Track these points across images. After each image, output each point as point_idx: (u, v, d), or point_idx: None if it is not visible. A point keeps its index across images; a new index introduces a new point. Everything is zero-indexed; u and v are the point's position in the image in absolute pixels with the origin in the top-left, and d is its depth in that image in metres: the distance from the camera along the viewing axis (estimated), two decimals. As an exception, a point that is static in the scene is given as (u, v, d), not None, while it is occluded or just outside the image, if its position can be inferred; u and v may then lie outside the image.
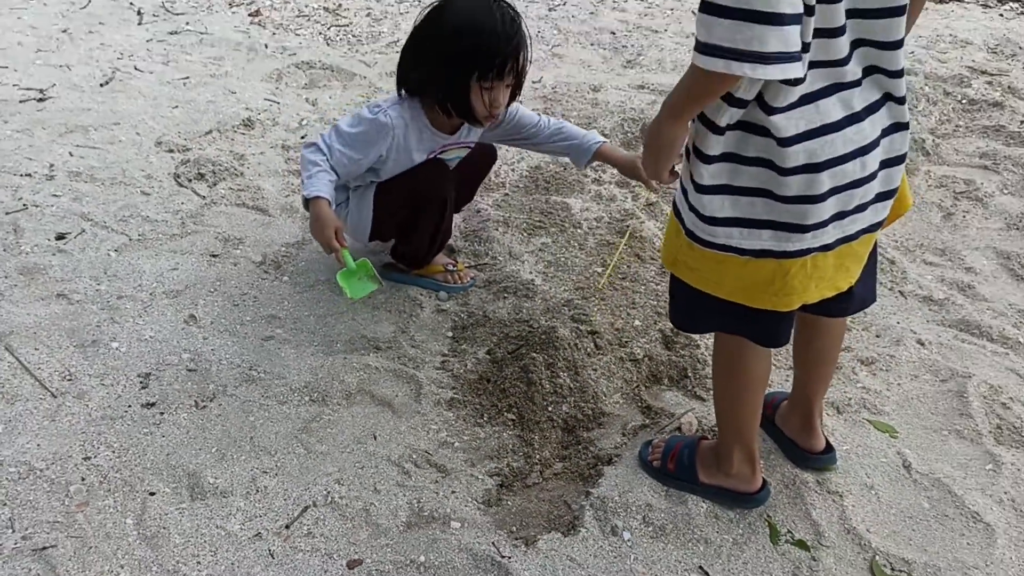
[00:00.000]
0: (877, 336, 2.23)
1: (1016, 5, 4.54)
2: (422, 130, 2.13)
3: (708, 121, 1.34)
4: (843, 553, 1.65)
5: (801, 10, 1.15)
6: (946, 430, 1.94)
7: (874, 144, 1.34)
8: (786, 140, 1.28)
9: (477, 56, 1.97)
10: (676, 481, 1.74)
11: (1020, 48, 3.93)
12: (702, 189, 1.37)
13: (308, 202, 2.01)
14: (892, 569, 1.63)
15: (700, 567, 1.61)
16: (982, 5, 4.55)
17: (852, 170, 1.32)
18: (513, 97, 2.12)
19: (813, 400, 1.78)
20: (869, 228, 1.42)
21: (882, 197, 1.40)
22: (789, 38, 1.15)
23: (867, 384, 2.06)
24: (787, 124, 1.27)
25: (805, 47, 1.21)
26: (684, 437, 1.82)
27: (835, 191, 1.33)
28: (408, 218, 2.20)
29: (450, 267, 2.33)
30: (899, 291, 2.41)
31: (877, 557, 1.65)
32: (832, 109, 1.29)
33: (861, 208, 1.38)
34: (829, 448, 1.81)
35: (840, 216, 1.36)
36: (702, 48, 1.18)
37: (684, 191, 1.44)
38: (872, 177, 1.35)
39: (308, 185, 2.02)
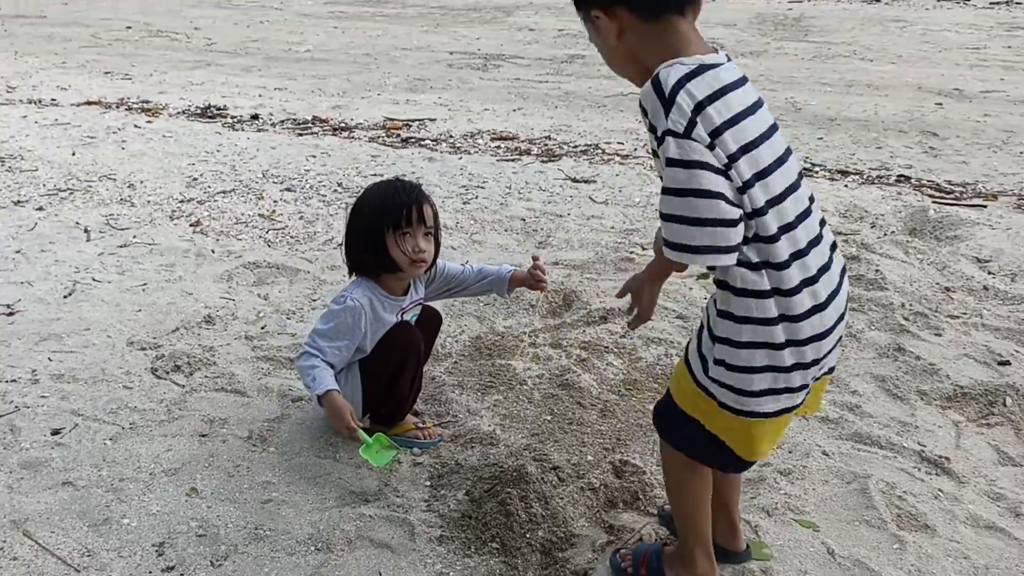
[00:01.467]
0: (789, 452, 2.62)
1: (857, 177, 5.35)
2: (382, 300, 2.52)
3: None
4: (791, 626, 1.97)
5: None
6: (857, 521, 2.32)
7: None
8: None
9: (384, 212, 2.43)
10: None
11: (865, 211, 4.64)
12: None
13: (320, 399, 2.34)
14: (833, 635, 1.95)
15: (677, 650, 1.90)
16: (828, 179, 5.33)
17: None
18: (436, 248, 2.54)
19: (732, 506, 2.11)
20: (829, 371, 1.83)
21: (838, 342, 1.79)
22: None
23: (787, 490, 2.43)
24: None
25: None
26: (649, 544, 2.13)
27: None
28: (391, 377, 2.53)
29: (420, 425, 2.64)
30: (800, 416, 2.83)
31: (819, 626, 1.97)
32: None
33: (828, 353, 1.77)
34: (747, 547, 2.15)
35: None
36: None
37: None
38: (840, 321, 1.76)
39: (315, 385, 2.36)
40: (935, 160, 5.71)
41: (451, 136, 6.31)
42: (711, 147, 1.56)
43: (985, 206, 4.73)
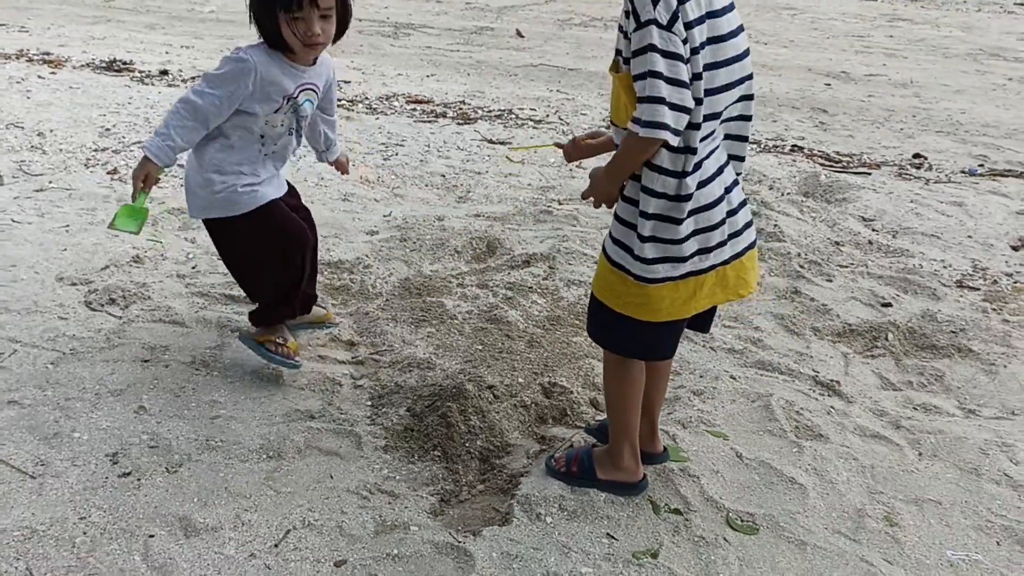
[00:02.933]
0: (700, 376, 2.87)
1: (755, 146, 5.68)
2: (283, 65, 2.44)
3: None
4: (706, 514, 2.20)
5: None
6: (761, 431, 2.58)
7: (734, 184, 2.01)
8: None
9: None
10: (579, 480, 2.24)
11: (764, 176, 4.96)
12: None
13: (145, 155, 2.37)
14: (742, 521, 2.20)
15: (608, 534, 2.11)
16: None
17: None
18: (342, 27, 2.43)
19: (655, 412, 2.35)
20: (749, 247, 2.07)
21: (747, 225, 2.07)
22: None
23: (700, 407, 2.68)
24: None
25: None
26: (580, 447, 2.34)
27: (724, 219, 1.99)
28: (275, 264, 2.58)
29: (280, 340, 2.66)
30: (710, 347, 3.09)
31: (730, 514, 2.21)
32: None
33: (738, 233, 2.03)
34: (665, 450, 2.38)
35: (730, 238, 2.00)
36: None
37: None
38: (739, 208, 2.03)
39: (150, 143, 2.37)
40: (825, 134, 6.11)
41: (367, 98, 6.38)
42: (685, 41, 1.80)
43: (869, 173, 5.12)
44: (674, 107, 1.80)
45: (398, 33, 9.18)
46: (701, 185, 1.94)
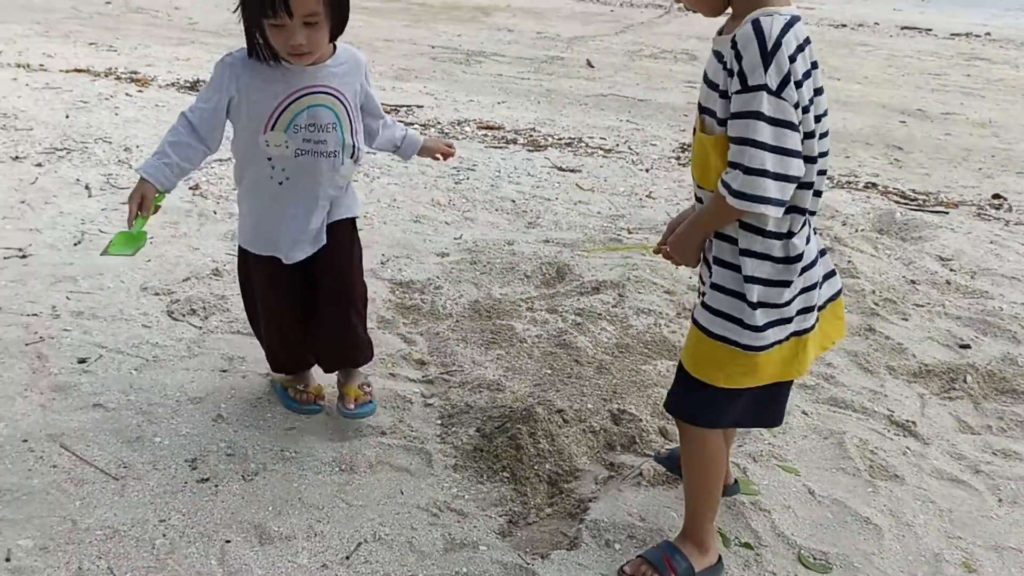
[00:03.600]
0: (771, 410, 2.84)
1: (827, 182, 5.62)
2: (274, 68, 2.17)
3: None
4: (778, 550, 2.17)
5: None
6: (834, 468, 2.54)
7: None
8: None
9: None
10: None
11: (836, 211, 4.90)
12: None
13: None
14: (814, 559, 2.16)
15: (677, 564, 2.09)
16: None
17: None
18: (334, 31, 2.14)
19: (728, 449, 2.27)
20: (832, 297, 1.99)
21: (827, 276, 1.96)
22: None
23: (771, 442, 2.64)
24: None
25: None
26: (657, 549, 2.05)
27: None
28: (251, 310, 2.52)
29: (301, 387, 2.58)
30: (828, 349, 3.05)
31: (802, 551, 2.17)
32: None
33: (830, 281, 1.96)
34: (736, 483, 2.34)
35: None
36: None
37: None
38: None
39: (145, 162, 2.19)
40: (900, 171, 6.01)
41: (439, 122, 6.48)
42: (796, 105, 1.68)
43: (947, 212, 5.02)
44: (779, 177, 1.69)
45: (470, 60, 9.32)
46: (808, 242, 1.85)
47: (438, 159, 2.68)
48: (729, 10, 1.84)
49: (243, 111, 2.20)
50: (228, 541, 2.04)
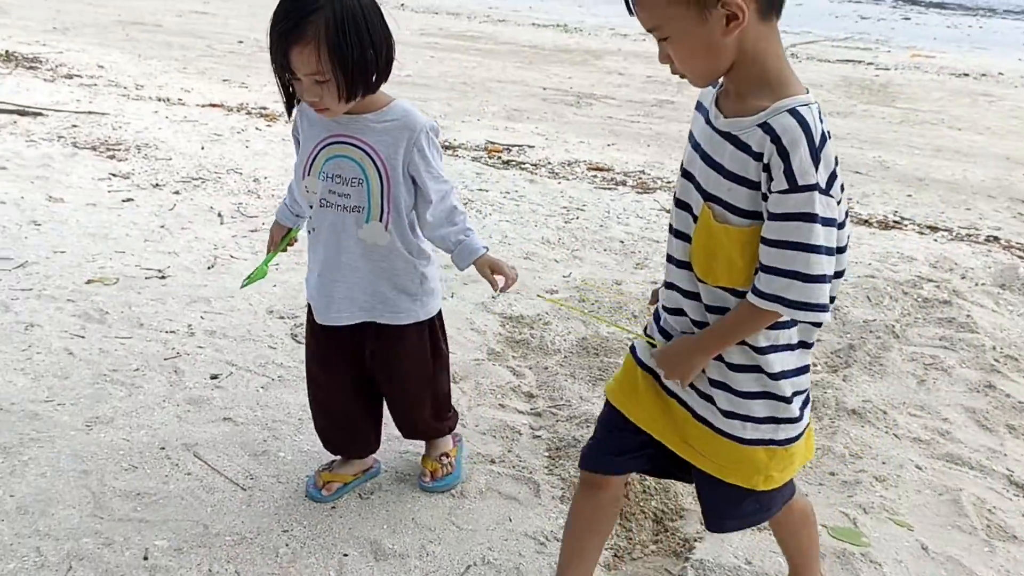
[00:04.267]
0: (883, 463, 2.79)
1: (946, 233, 5.49)
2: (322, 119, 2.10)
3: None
4: (888, 604, 2.14)
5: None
6: (949, 526, 2.48)
7: None
8: None
9: (270, 48, 1.96)
10: None
11: (955, 264, 4.78)
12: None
13: None
14: (926, 616, 2.12)
15: (783, 610, 2.08)
16: (918, 232, 5.48)
17: None
18: (350, 83, 1.96)
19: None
20: None
21: None
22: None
23: (883, 494, 2.60)
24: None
25: None
26: None
27: None
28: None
29: (321, 468, 2.44)
30: (893, 434, 3.00)
31: (914, 607, 2.13)
32: None
33: None
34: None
35: None
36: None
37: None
38: None
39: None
40: (1024, 225, 5.81)
41: (549, 162, 6.61)
42: (839, 201, 1.57)
43: (1075, 270, 4.83)
44: (830, 279, 1.57)
45: (580, 102, 9.46)
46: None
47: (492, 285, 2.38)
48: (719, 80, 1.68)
49: (298, 154, 2.21)
50: (346, 555, 2.14)
